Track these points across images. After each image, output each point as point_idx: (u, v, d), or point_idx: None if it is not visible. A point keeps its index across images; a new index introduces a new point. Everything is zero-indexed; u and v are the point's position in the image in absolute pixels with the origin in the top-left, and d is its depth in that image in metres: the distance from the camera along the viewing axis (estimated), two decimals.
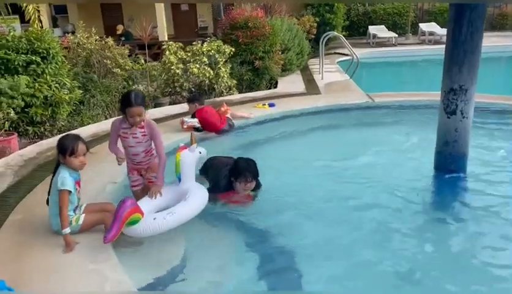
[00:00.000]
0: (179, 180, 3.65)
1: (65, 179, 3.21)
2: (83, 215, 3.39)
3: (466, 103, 4.17)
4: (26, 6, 8.14)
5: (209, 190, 3.90)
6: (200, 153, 3.75)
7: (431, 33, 16.91)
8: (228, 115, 6.31)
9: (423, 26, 17.65)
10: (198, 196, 3.53)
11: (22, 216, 3.75)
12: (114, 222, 3.05)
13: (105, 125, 6.54)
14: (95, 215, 3.44)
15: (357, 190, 4.30)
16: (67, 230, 3.17)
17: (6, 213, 3.80)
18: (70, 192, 3.22)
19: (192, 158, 3.68)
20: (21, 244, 3.27)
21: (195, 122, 5.92)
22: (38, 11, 8.37)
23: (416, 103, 7.36)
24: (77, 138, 3.32)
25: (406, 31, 18.75)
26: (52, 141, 5.77)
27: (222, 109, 6.33)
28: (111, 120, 6.83)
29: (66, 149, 3.21)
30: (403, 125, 6.42)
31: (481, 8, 4.00)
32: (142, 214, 3.19)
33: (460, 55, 4.05)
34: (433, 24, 17.93)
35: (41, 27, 8.33)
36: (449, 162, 4.42)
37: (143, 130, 3.59)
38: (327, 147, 5.66)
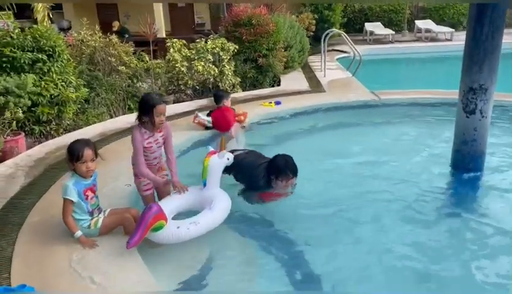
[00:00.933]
0: (204, 185, 3.60)
1: (67, 187, 3.15)
2: (102, 218, 3.34)
3: (486, 102, 4.18)
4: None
5: (247, 189, 3.86)
6: (228, 159, 3.71)
7: (427, 31, 16.96)
8: (244, 124, 6.13)
9: (419, 23, 17.70)
10: (222, 204, 3.50)
11: (39, 218, 3.68)
12: (139, 227, 3.02)
13: (111, 124, 6.45)
14: (114, 217, 3.39)
15: (376, 188, 4.33)
16: (78, 233, 3.18)
17: (23, 216, 3.72)
18: (72, 201, 3.14)
19: (220, 164, 3.64)
20: (43, 247, 3.21)
21: (206, 120, 5.84)
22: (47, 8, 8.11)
23: (424, 101, 7.36)
24: (86, 143, 3.20)
25: (402, 28, 18.78)
26: (59, 141, 5.67)
27: (242, 118, 6.13)
28: (116, 119, 6.81)
29: (73, 155, 3.15)
30: (415, 123, 6.45)
31: (502, 7, 3.99)
32: (166, 220, 3.16)
33: (481, 54, 4.06)
34: (429, 21, 17.99)
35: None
36: (467, 161, 4.43)
37: (161, 133, 3.54)
38: (342, 145, 5.65)
